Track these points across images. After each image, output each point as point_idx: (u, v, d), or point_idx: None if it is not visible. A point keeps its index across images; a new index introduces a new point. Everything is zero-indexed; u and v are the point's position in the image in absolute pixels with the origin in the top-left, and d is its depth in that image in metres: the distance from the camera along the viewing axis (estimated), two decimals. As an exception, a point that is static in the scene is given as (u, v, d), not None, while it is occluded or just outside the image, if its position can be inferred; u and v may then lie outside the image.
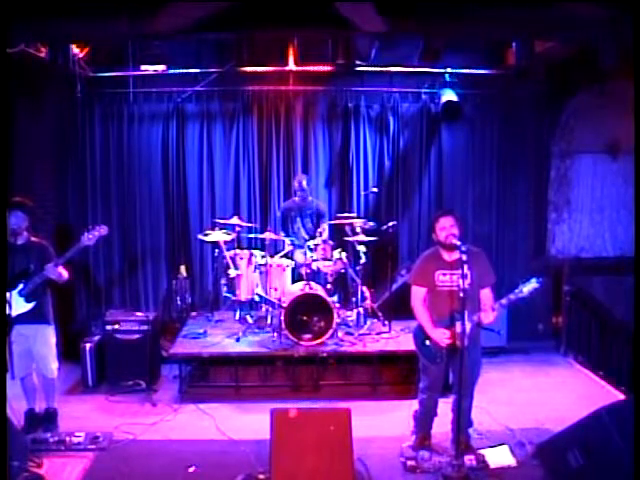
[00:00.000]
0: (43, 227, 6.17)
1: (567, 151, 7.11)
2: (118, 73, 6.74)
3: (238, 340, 5.91)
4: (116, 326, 5.74)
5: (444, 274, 4.18)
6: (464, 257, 3.84)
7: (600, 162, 7.11)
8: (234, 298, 6.38)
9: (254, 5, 4.71)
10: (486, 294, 4.20)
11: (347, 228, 6.43)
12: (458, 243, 3.96)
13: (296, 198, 6.63)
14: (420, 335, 4.31)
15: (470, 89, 6.99)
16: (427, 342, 4.25)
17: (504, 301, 4.04)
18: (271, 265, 6.18)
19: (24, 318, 4.53)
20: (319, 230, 6.43)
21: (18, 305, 4.49)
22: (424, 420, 4.48)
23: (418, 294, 4.29)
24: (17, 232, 4.54)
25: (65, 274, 4.61)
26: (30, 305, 4.56)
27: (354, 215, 6.65)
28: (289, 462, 3.79)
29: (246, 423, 4.97)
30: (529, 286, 3.94)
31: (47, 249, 4.66)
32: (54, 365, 4.76)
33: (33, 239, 4.68)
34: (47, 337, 4.69)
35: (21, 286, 4.51)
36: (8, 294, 4.42)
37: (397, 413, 5.11)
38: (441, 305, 4.20)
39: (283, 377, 5.79)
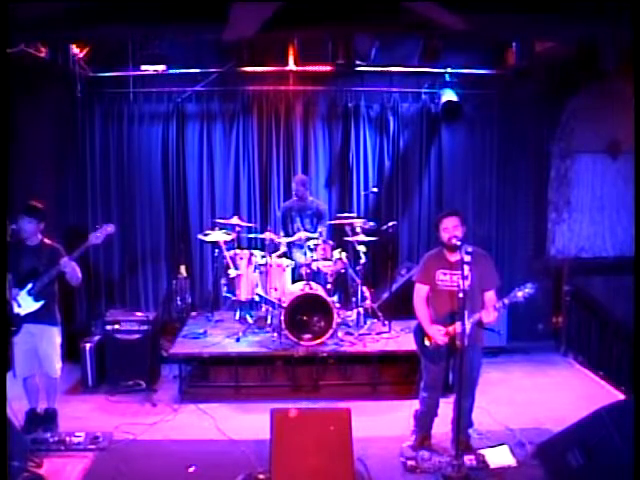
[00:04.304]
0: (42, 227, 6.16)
1: (567, 151, 7.10)
2: (118, 73, 6.73)
3: (238, 340, 5.92)
4: (116, 326, 5.73)
5: (445, 273, 4.21)
6: (467, 258, 3.85)
7: (600, 162, 7.10)
8: (234, 298, 6.38)
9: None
10: (490, 296, 4.21)
11: (347, 228, 6.42)
12: (459, 244, 3.97)
13: (295, 198, 6.65)
14: (420, 334, 4.34)
15: (470, 89, 6.99)
16: (426, 342, 4.28)
17: (498, 304, 4.06)
18: (271, 265, 6.17)
19: (32, 317, 4.56)
20: (319, 230, 6.43)
21: (27, 304, 4.54)
22: (424, 420, 4.49)
23: (420, 292, 4.34)
24: (26, 237, 4.57)
25: (79, 273, 4.63)
26: (38, 304, 4.58)
27: (354, 215, 6.65)
28: (289, 462, 3.79)
29: (246, 423, 4.97)
30: (524, 291, 3.96)
31: (58, 251, 4.66)
32: (58, 365, 4.77)
33: (46, 241, 4.69)
34: (52, 337, 4.71)
35: (30, 285, 4.54)
36: (17, 293, 4.48)
37: (397, 413, 5.11)
38: (441, 304, 4.23)
39: (283, 377, 5.78)
